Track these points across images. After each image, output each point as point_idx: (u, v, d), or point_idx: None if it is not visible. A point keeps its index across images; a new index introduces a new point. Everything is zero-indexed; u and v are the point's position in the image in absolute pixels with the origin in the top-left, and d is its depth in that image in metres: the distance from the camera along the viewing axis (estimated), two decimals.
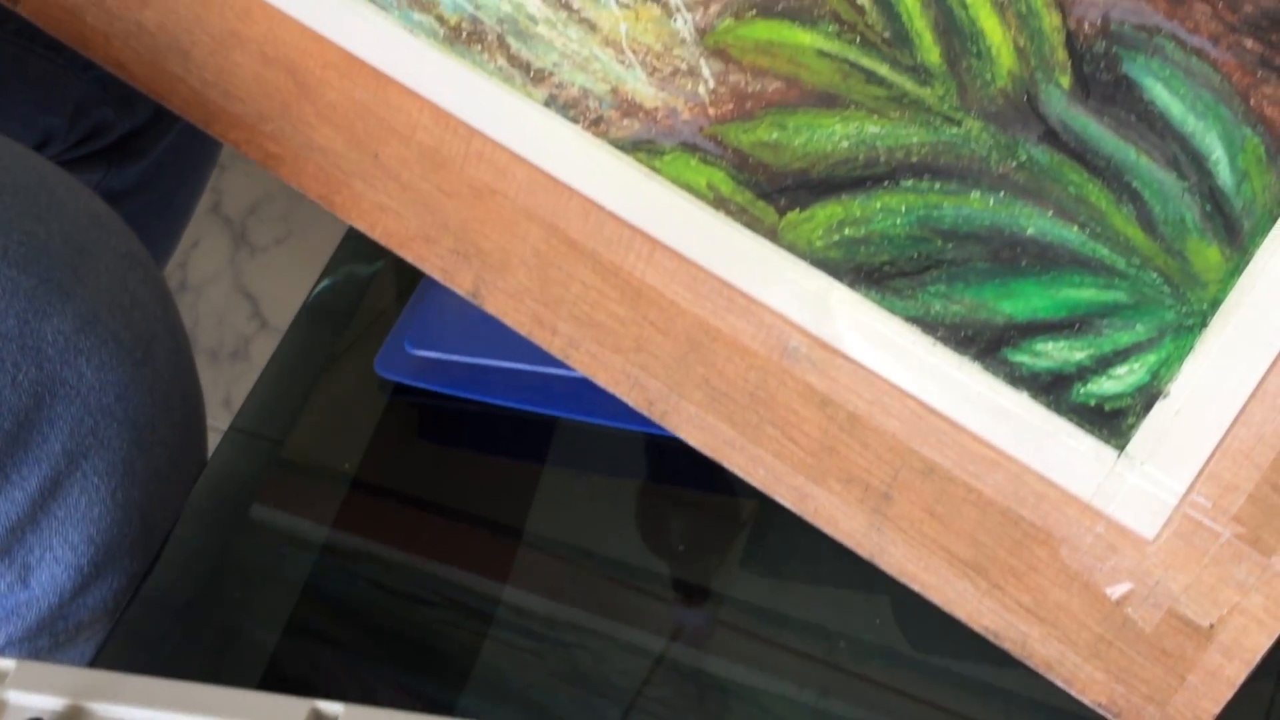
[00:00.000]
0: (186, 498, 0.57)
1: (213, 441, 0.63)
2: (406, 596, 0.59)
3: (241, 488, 0.62)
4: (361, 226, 0.56)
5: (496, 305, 0.54)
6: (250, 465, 0.63)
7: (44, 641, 0.56)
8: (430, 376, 0.61)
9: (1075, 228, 0.43)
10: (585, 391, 0.55)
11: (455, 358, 0.60)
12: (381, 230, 0.56)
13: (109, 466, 0.51)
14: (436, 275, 0.55)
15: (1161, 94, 0.41)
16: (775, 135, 0.47)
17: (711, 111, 0.48)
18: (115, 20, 0.59)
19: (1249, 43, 0.40)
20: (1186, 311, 0.42)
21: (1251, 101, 0.40)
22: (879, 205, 0.46)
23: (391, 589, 0.60)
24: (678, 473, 0.60)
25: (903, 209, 0.45)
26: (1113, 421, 0.44)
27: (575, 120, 0.50)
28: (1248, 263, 0.41)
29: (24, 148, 0.55)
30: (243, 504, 0.62)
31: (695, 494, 0.60)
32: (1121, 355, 0.43)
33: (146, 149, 0.87)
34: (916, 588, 0.48)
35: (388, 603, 0.59)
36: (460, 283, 0.54)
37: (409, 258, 0.55)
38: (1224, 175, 0.41)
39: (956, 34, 0.43)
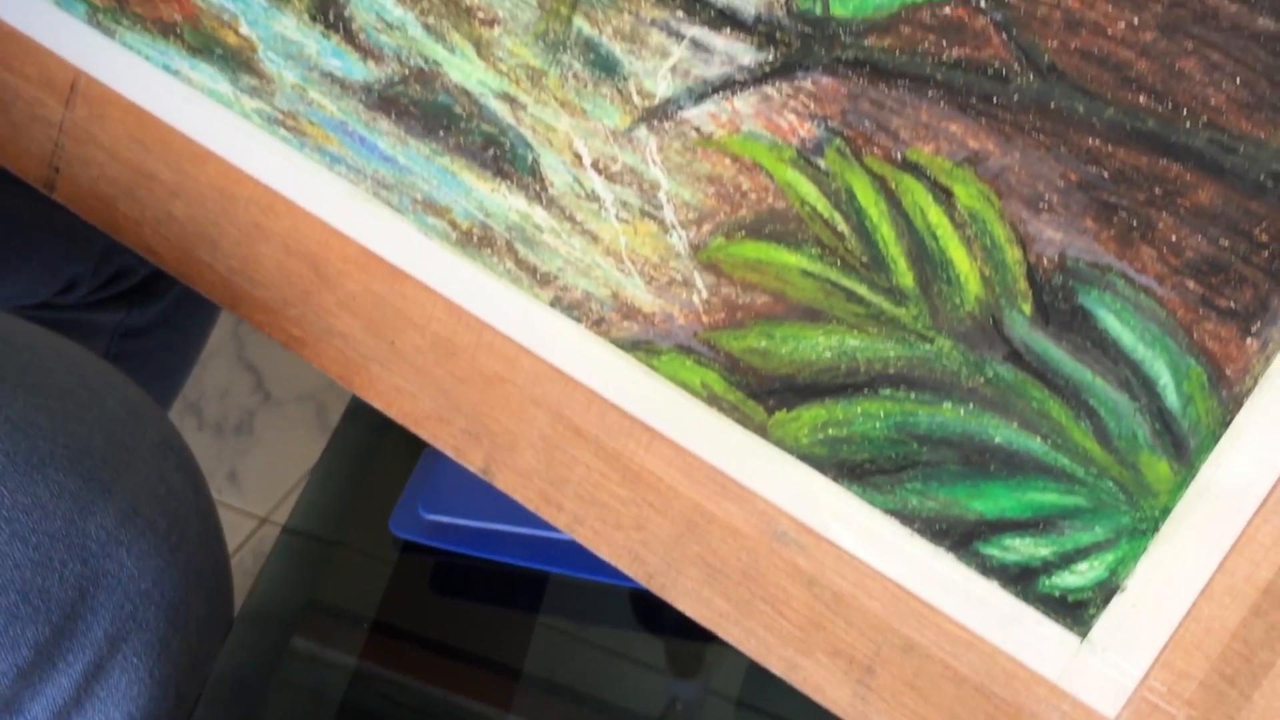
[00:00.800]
0: (215, 661, 0.60)
1: (223, 517, 0.65)
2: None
3: (280, 624, 0.65)
4: (379, 405, 0.59)
5: (506, 482, 0.57)
6: (286, 605, 0.66)
7: None
8: (441, 536, 0.63)
9: (1039, 438, 0.46)
10: (584, 552, 0.58)
11: (465, 521, 0.63)
12: (398, 410, 0.58)
13: (147, 646, 0.53)
14: (449, 452, 0.57)
15: (1114, 324, 0.44)
16: (764, 343, 0.50)
17: (705, 319, 0.51)
18: (146, 209, 0.62)
19: (1191, 284, 0.43)
20: (1140, 517, 0.45)
21: (1194, 335, 0.43)
22: (859, 410, 0.49)
23: (413, 709, 0.63)
24: (667, 623, 0.62)
25: (881, 414, 0.48)
26: (1076, 611, 0.47)
27: (579, 320, 0.53)
28: (1194, 476, 0.44)
29: (65, 342, 0.57)
30: (283, 637, 0.65)
31: (683, 643, 0.63)
32: (1082, 553, 0.46)
33: (165, 289, 0.90)
34: None
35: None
36: (472, 460, 0.57)
37: (424, 435, 0.58)
38: (1171, 399, 0.44)
39: (929, 262, 0.46)
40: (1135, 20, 0.42)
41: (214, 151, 0.59)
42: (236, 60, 0.57)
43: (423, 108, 0.54)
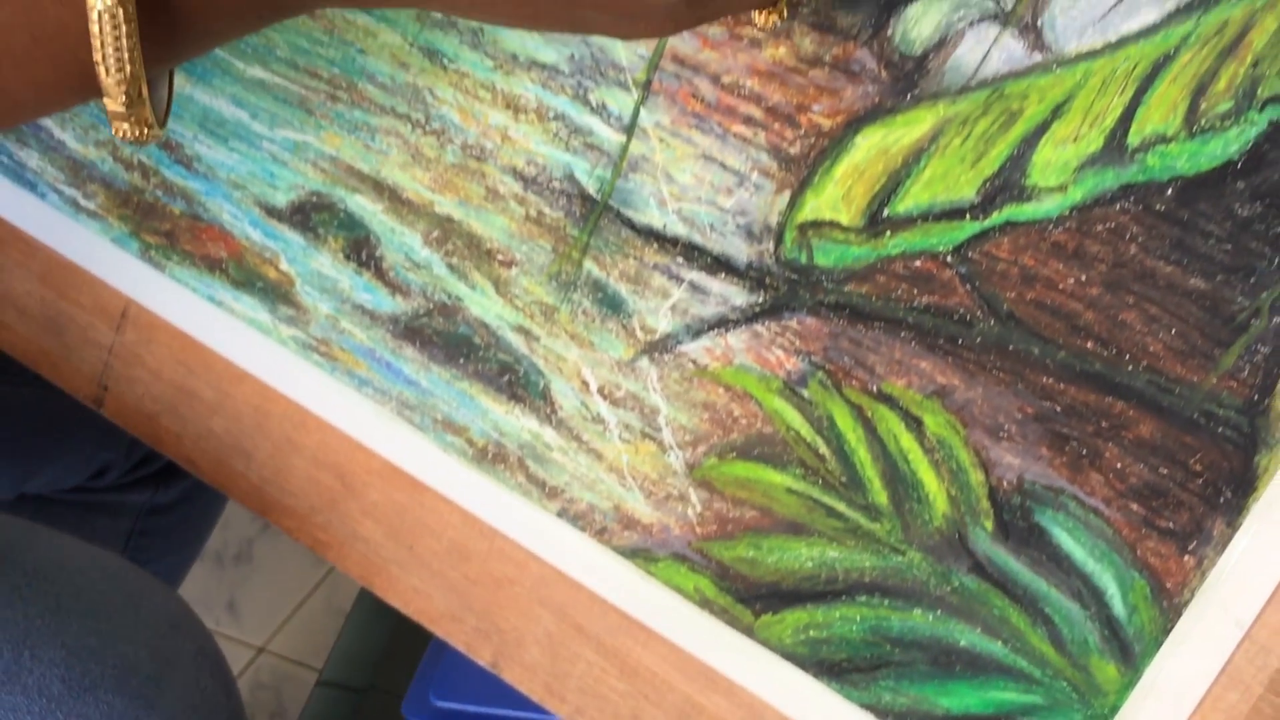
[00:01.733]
0: None
1: (221, 648, 0.66)
2: None
3: None
4: (397, 605, 0.61)
5: (513, 676, 0.59)
6: None
7: None
8: None
9: (1000, 642, 0.49)
10: None
11: (473, 708, 0.65)
12: (415, 609, 0.61)
13: None
14: (461, 648, 0.60)
15: (1067, 541, 0.48)
16: (752, 553, 0.53)
17: (698, 530, 0.54)
18: (187, 424, 0.65)
19: (1135, 506, 0.46)
20: (1091, 714, 0.48)
21: (1138, 552, 0.47)
22: (838, 614, 0.52)
23: None
24: None
25: (858, 619, 0.51)
26: None
27: (583, 529, 0.56)
28: (1139, 678, 0.47)
29: (112, 558, 0.60)
30: None
31: None
32: None
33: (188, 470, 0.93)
34: None
35: None
36: (481, 655, 0.59)
37: (437, 632, 0.61)
38: (1118, 608, 0.47)
39: (901, 483, 0.50)
40: (1083, 277, 0.46)
41: (251, 373, 0.63)
42: (276, 293, 0.61)
43: (445, 338, 0.58)
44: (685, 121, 0.52)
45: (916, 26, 0.47)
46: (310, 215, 0.60)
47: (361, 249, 0.59)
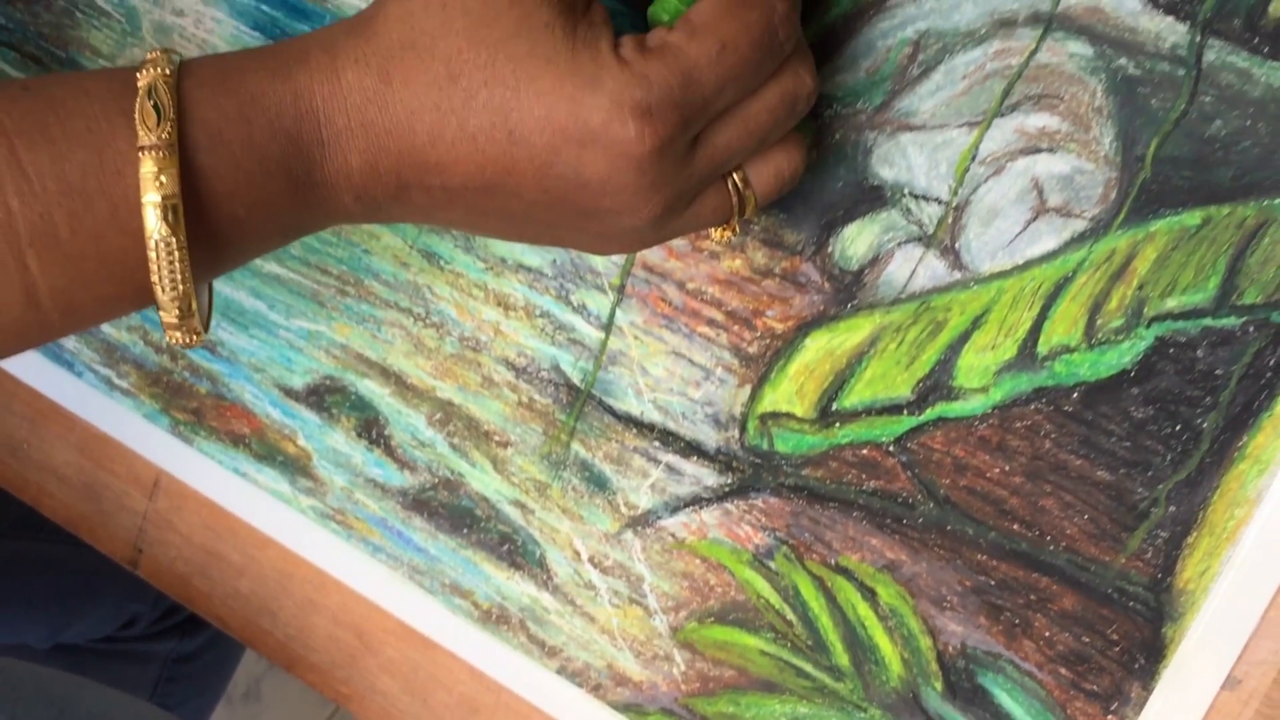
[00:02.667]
0: None
1: None
2: None
3: None
4: None
5: None
6: None
7: None
8: None
9: None
10: None
11: None
12: None
13: None
14: None
15: (1006, 700, 0.53)
16: (732, 709, 0.59)
17: (683, 687, 0.60)
18: (216, 585, 0.71)
19: (1063, 670, 0.52)
20: None
21: (1068, 711, 0.52)
22: None
23: None
24: None
25: None
26: None
27: (580, 685, 0.62)
28: None
29: (148, 708, 0.66)
30: None
31: None
32: None
33: None
34: None
35: None
36: None
37: None
38: None
39: (860, 646, 0.56)
40: (1006, 467, 0.52)
41: (275, 539, 0.69)
42: (295, 466, 0.67)
43: (450, 509, 0.64)
44: (656, 321, 0.58)
45: (853, 245, 0.53)
46: (324, 397, 0.66)
47: (372, 428, 0.65)
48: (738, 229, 0.51)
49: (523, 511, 0.62)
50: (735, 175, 0.48)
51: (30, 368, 0.73)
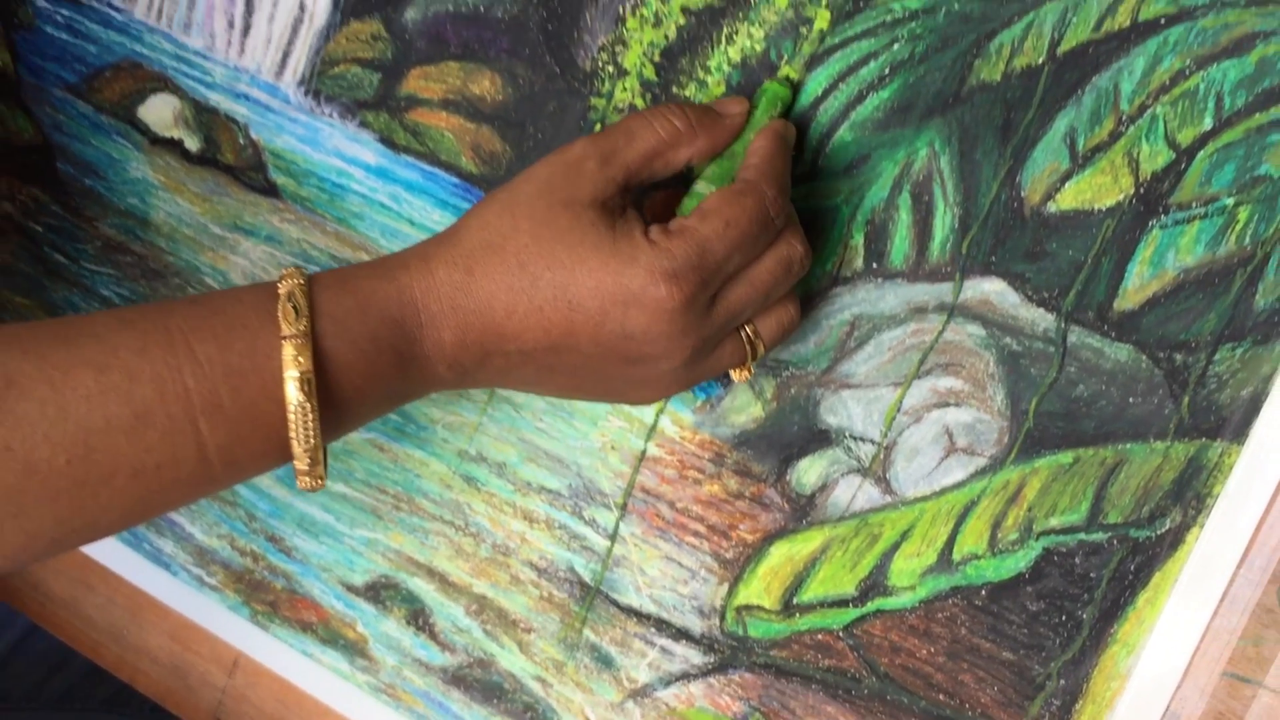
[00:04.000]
0: None
1: None
2: None
3: None
4: None
5: None
6: None
7: None
8: None
9: None
10: None
11: None
12: None
13: None
14: None
15: None
16: None
17: None
18: None
19: None
20: None
21: None
22: None
23: None
24: None
25: None
26: None
27: None
28: None
29: None
30: None
31: None
32: None
33: None
34: None
35: None
36: None
37: None
38: None
39: None
40: (932, 649, 0.64)
41: (336, 710, 0.80)
42: (354, 649, 0.79)
43: (482, 684, 0.75)
44: (652, 532, 0.70)
45: (806, 475, 0.65)
46: (380, 592, 0.77)
47: (419, 617, 0.77)
48: (751, 370, 0.62)
49: (543, 685, 0.73)
50: (747, 327, 0.59)
51: (132, 566, 0.85)
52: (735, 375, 0.62)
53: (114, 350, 0.51)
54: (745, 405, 0.65)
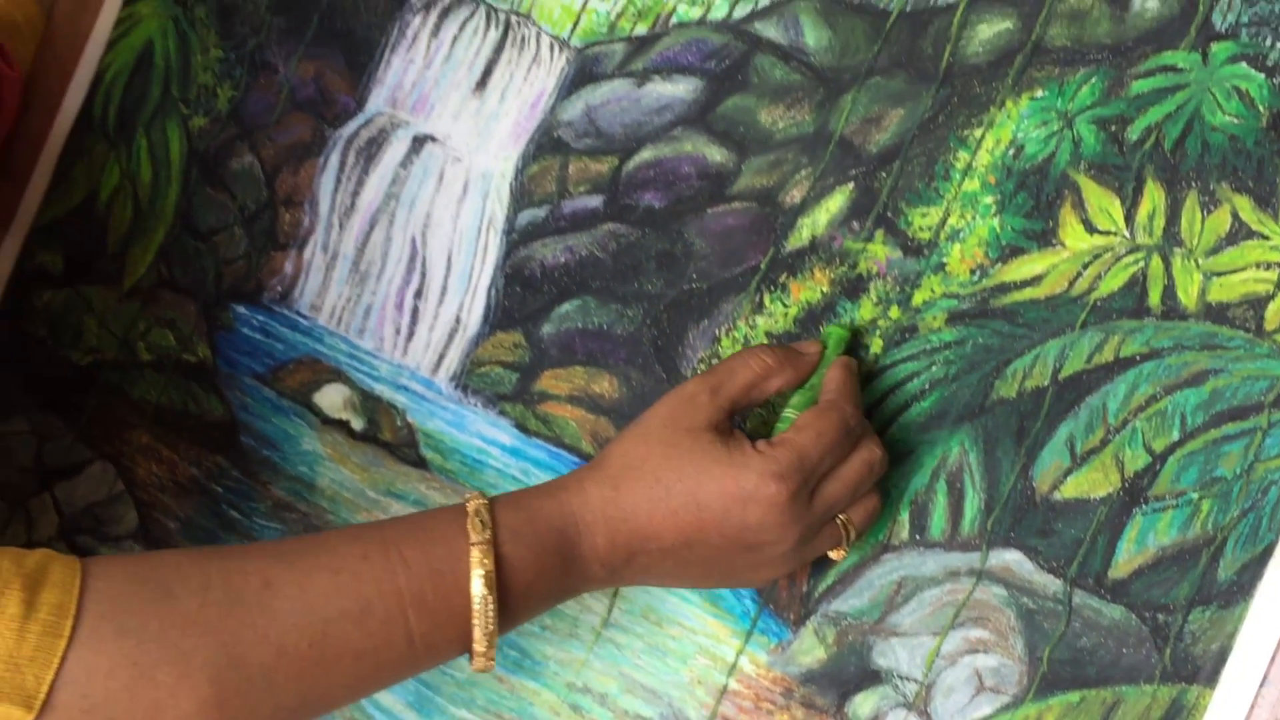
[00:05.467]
0: None
1: None
2: None
3: None
4: None
5: None
6: None
7: None
8: None
9: None
10: None
11: None
12: None
13: None
14: None
15: None
16: None
17: None
18: None
19: None
20: None
21: None
22: None
23: None
24: None
25: None
26: None
27: None
28: None
29: None
30: None
31: None
32: None
33: None
34: None
35: None
36: None
37: None
38: None
39: None
40: None
41: None
42: None
43: None
44: None
45: (861, 708, 0.77)
46: None
47: None
48: (846, 551, 0.74)
49: None
50: (841, 516, 0.70)
51: None
52: (833, 554, 0.74)
53: (344, 558, 0.64)
54: (811, 648, 0.78)
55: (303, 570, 0.63)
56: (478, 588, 0.65)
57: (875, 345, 0.77)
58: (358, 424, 0.90)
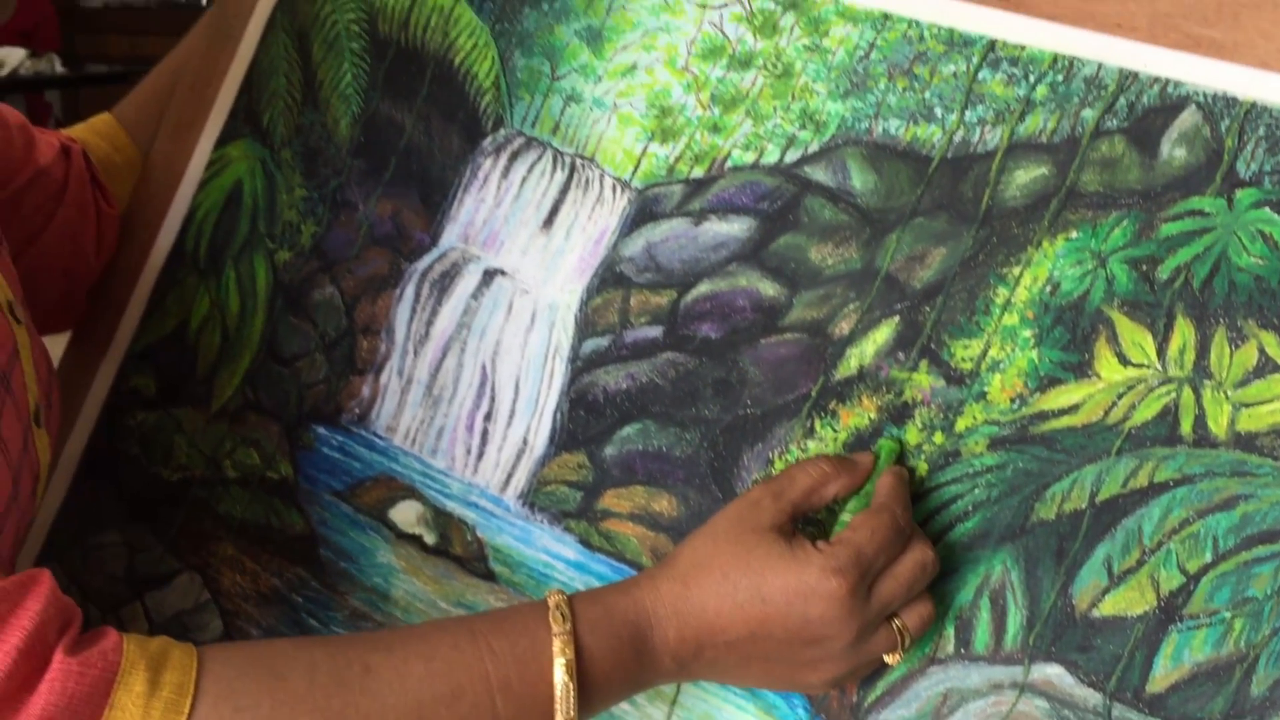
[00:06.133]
0: None
1: None
2: None
3: None
4: None
5: None
6: None
7: None
8: None
9: None
10: None
11: None
12: None
13: None
14: None
15: None
16: None
17: None
18: None
19: None
20: None
21: None
22: None
23: None
24: None
25: None
26: None
27: None
28: None
29: None
30: None
31: None
32: None
33: None
34: None
35: None
36: None
37: None
38: None
39: None
40: None
41: None
42: None
43: None
44: None
45: None
46: None
47: None
48: (901, 655, 0.76)
49: None
50: (897, 621, 0.73)
51: None
52: (889, 659, 0.77)
53: (436, 646, 0.69)
54: None
55: (400, 657, 0.68)
56: (559, 675, 0.69)
57: (921, 468, 0.80)
58: (430, 539, 0.94)
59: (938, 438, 0.80)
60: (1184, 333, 0.75)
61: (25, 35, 5.53)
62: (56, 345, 1.00)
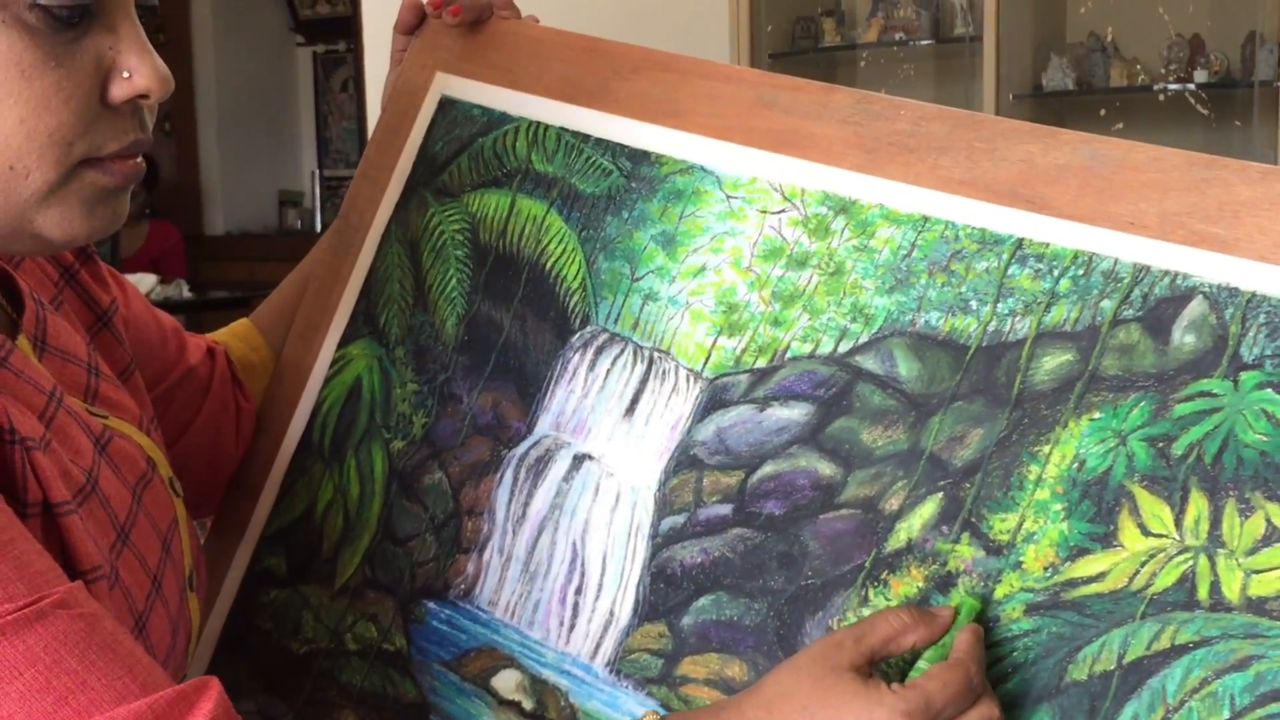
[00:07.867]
0: None
1: None
2: None
3: None
4: None
5: None
6: None
7: None
8: None
9: None
10: None
11: None
12: None
13: None
14: None
15: None
16: None
17: None
18: None
19: None
20: None
21: None
22: None
23: None
24: None
25: None
26: None
27: None
28: None
29: None
30: None
31: None
32: None
33: None
34: None
35: None
36: None
37: None
38: None
39: None
40: None
41: None
42: None
43: None
44: None
45: None
46: None
47: None
48: None
49: None
50: None
51: None
52: None
53: None
54: None
55: None
56: None
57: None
58: (528, 704, 1.03)
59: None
60: (1198, 504, 0.82)
61: (154, 261, 5.68)
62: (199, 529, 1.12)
